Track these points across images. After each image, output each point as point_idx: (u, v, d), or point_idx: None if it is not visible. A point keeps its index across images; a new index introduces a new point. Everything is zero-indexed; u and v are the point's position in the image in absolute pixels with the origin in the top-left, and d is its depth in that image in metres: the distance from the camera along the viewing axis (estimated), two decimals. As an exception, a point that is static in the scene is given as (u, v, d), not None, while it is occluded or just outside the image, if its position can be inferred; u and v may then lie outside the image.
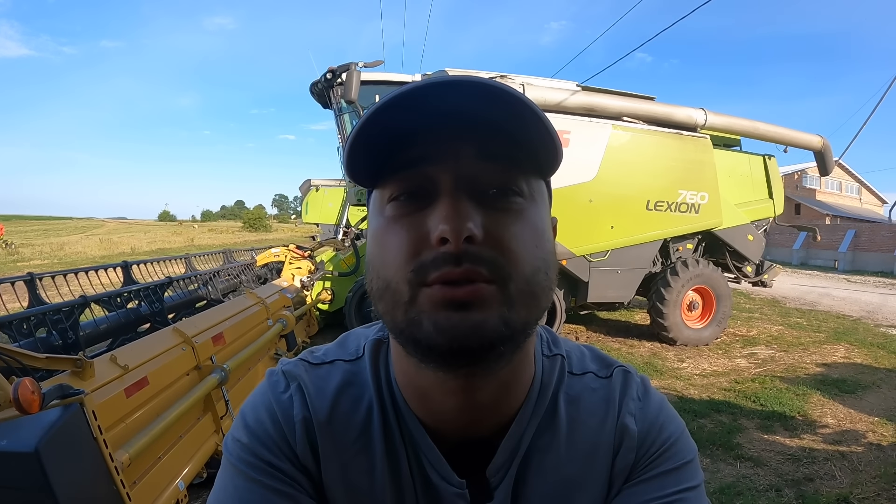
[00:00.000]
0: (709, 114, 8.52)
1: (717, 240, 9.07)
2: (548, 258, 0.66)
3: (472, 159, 0.63)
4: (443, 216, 0.60)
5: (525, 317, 0.63)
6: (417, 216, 0.63)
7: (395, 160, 0.64)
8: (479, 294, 0.59)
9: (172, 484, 3.09)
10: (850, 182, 46.24)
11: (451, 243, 0.58)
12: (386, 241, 0.64)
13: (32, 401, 1.89)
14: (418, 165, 0.63)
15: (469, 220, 0.59)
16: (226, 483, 0.71)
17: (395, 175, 0.65)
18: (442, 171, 0.63)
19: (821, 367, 7.41)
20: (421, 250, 0.61)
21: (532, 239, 0.64)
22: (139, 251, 30.02)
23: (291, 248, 9.10)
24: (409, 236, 0.62)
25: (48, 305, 4.00)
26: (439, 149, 0.63)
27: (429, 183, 0.63)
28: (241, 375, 4.53)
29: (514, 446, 0.74)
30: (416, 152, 0.63)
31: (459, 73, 7.75)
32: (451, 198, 0.61)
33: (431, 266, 0.60)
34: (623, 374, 0.81)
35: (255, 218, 74.75)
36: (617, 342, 8.86)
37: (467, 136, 0.63)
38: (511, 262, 0.61)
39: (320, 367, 0.79)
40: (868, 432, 5.03)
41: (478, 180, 0.63)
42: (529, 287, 0.62)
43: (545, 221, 0.69)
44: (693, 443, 0.78)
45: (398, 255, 0.62)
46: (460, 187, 0.62)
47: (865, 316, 11.64)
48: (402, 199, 0.64)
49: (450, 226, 0.58)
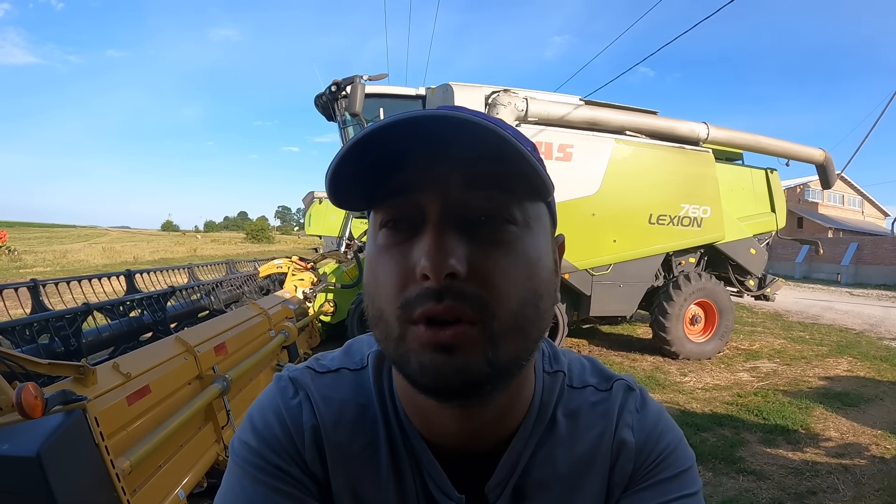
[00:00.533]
0: (711, 128, 8.55)
1: (719, 253, 9.08)
2: (540, 288, 0.65)
3: (461, 188, 0.62)
4: (425, 251, 0.59)
5: (513, 352, 0.63)
6: (405, 246, 0.62)
7: (386, 185, 0.63)
8: (461, 337, 0.59)
9: (173, 493, 3.08)
10: (852, 195, 46.21)
11: (432, 280, 0.58)
12: (377, 270, 0.65)
13: (35, 406, 1.89)
14: (407, 193, 0.63)
15: (451, 256, 0.58)
16: (233, 484, 0.71)
17: (385, 201, 0.65)
18: (430, 199, 0.62)
19: (823, 380, 7.40)
20: (407, 284, 0.61)
21: (523, 271, 0.63)
22: (142, 260, 30.06)
23: (294, 260, 9.08)
24: (396, 269, 0.62)
25: (51, 312, 3.99)
26: (428, 176, 0.62)
27: (417, 212, 0.62)
28: (243, 386, 4.52)
29: (512, 463, 0.75)
30: (405, 179, 0.62)
31: (463, 86, 7.79)
32: (435, 230, 0.60)
33: (416, 302, 0.60)
34: (622, 386, 0.82)
35: (258, 229, 74.88)
36: (619, 356, 8.85)
37: (456, 164, 0.61)
38: (496, 298, 0.60)
39: (325, 376, 0.80)
40: (871, 445, 5.01)
41: (466, 209, 0.62)
42: (516, 322, 0.62)
43: (540, 249, 0.67)
44: (691, 451, 0.79)
45: (387, 288, 0.63)
46: (447, 217, 0.61)
47: (868, 329, 11.62)
48: (392, 226, 0.64)
49: (430, 262, 0.58)
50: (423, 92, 8.67)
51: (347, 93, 8.09)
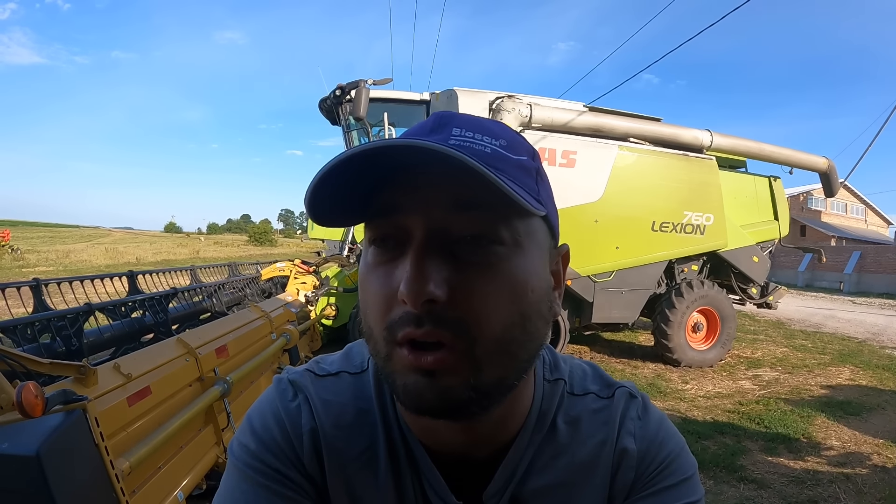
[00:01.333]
0: (715, 135, 8.55)
1: (722, 261, 9.07)
2: (528, 310, 0.63)
3: (444, 209, 0.60)
4: (404, 276, 0.58)
5: (498, 374, 0.63)
6: (391, 266, 0.62)
7: (374, 202, 0.63)
8: (442, 362, 0.59)
9: (172, 494, 3.08)
10: (855, 203, 46.19)
11: (410, 305, 0.58)
12: (366, 289, 0.65)
13: (35, 405, 1.89)
14: (392, 214, 0.62)
15: (429, 282, 0.58)
16: (232, 487, 0.71)
17: (373, 219, 0.65)
18: (414, 221, 0.61)
19: (826, 389, 7.39)
20: (392, 306, 0.61)
21: (508, 293, 0.62)
22: (144, 262, 30.15)
23: (296, 263, 9.07)
24: (382, 289, 0.62)
25: (53, 312, 4.00)
26: (411, 198, 0.61)
27: (403, 232, 0.62)
28: (244, 388, 4.52)
29: (511, 470, 0.74)
30: (391, 198, 0.62)
31: (468, 91, 7.80)
32: (416, 254, 0.59)
33: (398, 324, 0.60)
34: (624, 393, 0.81)
35: (260, 232, 75.11)
36: (621, 363, 8.84)
37: (441, 185, 0.60)
38: (477, 322, 0.60)
39: (325, 379, 0.80)
40: (873, 454, 4.99)
41: (451, 231, 0.61)
42: (500, 346, 0.61)
43: (530, 268, 0.64)
44: (693, 459, 0.79)
45: (374, 308, 0.63)
46: (431, 239, 0.60)
47: (871, 338, 11.61)
48: (380, 244, 0.64)
49: (407, 288, 0.57)
50: (427, 97, 8.69)
51: (352, 97, 8.10)
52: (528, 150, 0.67)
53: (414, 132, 0.65)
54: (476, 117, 0.65)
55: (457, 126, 0.63)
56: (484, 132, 0.63)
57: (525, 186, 0.62)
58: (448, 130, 0.63)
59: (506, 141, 0.64)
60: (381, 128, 8.58)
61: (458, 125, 0.63)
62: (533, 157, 0.67)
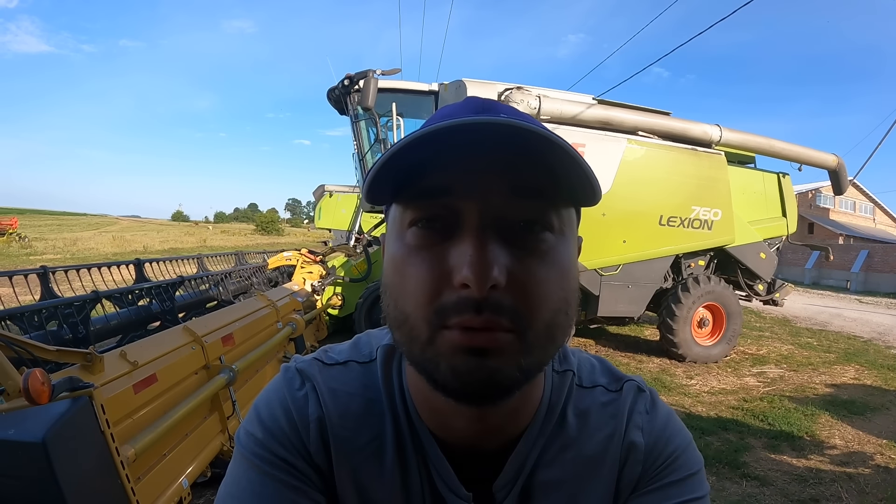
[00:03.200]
0: (724, 130, 8.51)
1: (729, 257, 9.03)
2: (570, 297, 0.64)
3: (503, 195, 0.60)
4: (468, 260, 0.57)
5: (541, 358, 0.63)
6: (439, 249, 0.61)
7: (419, 184, 0.62)
8: (496, 343, 0.58)
9: (177, 481, 3.10)
10: (864, 202, 45.92)
11: (474, 290, 0.57)
12: (406, 272, 0.62)
13: (42, 392, 1.90)
14: (444, 196, 0.61)
15: (494, 267, 0.57)
16: (238, 476, 0.71)
17: (417, 200, 0.63)
18: (469, 205, 0.60)
19: (830, 387, 7.37)
20: (442, 290, 0.59)
21: (557, 280, 0.62)
22: (152, 250, 30.22)
23: (303, 253, 9.10)
24: (430, 273, 0.60)
25: (60, 299, 4.02)
26: (467, 181, 0.60)
27: (454, 215, 0.61)
28: (249, 377, 4.54)
29: (520, 462, 0.74)
30: (443, 182, 0.61)
31: (476, 82, 7.77)
32: (476, 239, 0.58)
33: (452, 310, 0.58)
34: (633, 387, 0.81)
35: (267, 221, 75.15)
36: (626, 357, 8.84)
37: (498, 169, 0.60)
38: (532, 309, 0.60)
39: (333, 368, 0.79)
40: (876, 454, 4.98)
41: (506, 216, 0.60)
42: (548, 331, 0.62)
43: (573, 256, 0.67)
44: (699, 455, 0.78)
45: (418, 292, 0.61)
46: (487, 224, 0.59)
47: (876, 337, 11.56)
48: (424, 226, 0.62)
49: (474, 273, 0.56)
50: (435, 87, 8.67)
51: (360, 87, 8.09)
52: None
53: (459, 110, 0.64)
54: (512, 107, 0.65)
55: (503, 112, 0.62)
56: (528, 121, 0.60)
57: None
58: (495, 114, 0.61)
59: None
60: (389, 118, 8.56)
61: (503, 111, 0.63)
62: None
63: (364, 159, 9.28)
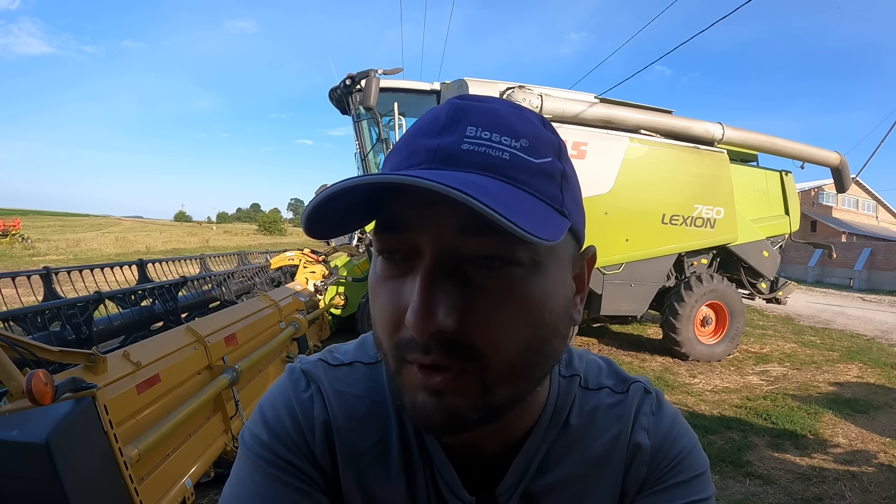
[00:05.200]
0: (726, 128, 8.50)
1: (731, 255, 9.03)
2: (545, 333, 0.61)
3: (455, 230, 0.55)
4: (411, 304, 0.55)
5: (510, 394, 0.61)
6: (399, 283, 0.59)
7: (383, 215, 0.60)
8: (451, 383, 0.57)
9: (180, 482, 3.10)
10: (866, 200, 45.84)
11: (416, 335, 0.55)
12: (375, 301, 0.63)
13: (45, 392, 1.90)
14: (400, 231, 0.58)
15: (437, 313, 0.54)
16: (243, 477, 0.71)
17: (381, 231, 0.60)
18: (422, 239, 0.57)
19: (833, 386, 7.35)
20: (400, 326, 0.58)
21: (523, 319, 0.58)
22: (154, 250, 30.26)
23: (306, 253, 9.10)
24: (390, 306, 0.60)
25: (63, 300, 4.03)
26: (422, 217, 0.57)
27: (412, 248, 0.58)
28: (252, 377, 4.54)
29: (524, 466, 0.74)
30: (398, 214, 0.58)
31: (478, 81, 7.77)
32: (425, 280, 0.56)
33: (406, 347, 0.58)
34: (639, 388, 0.81)
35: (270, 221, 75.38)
36: (629, 356, 8.84)
37: (452, 203, 0.49)
38: (488, 350, 0.57)
39: (339, 369, 0.78)
40: (879, 453, 4.98)
41: (461, 251, 0.56)
42: (512, 370, 0.59)
43: (548, 289, 0.60)
44: (705, 456, 0.78)
45: (383, 324, 0.61)
46: (442, 262, 0.56)
47: (880, 335, 11.53)
48: (387, 258, 0.61)
49: (414, 319, 0.54)
50: (437, 87, 8.67)
51: (362, 87, 8.09)
52: (552, 148, 0.61)
53: (425, 129, 0.60)
54: (493, 110, 0.60)
55: (472, 124, 0.58)
56: (502, 131, 0.58)
57: (548, 197, 0.58)
58: (462, 129, 0.58)
59: (527, 140, 0.59)
60: (391, 117, 8.56)
61: (473, 122, 0.58)
62: (559, 156, 0.62)
63: (366, 159, 9.28)
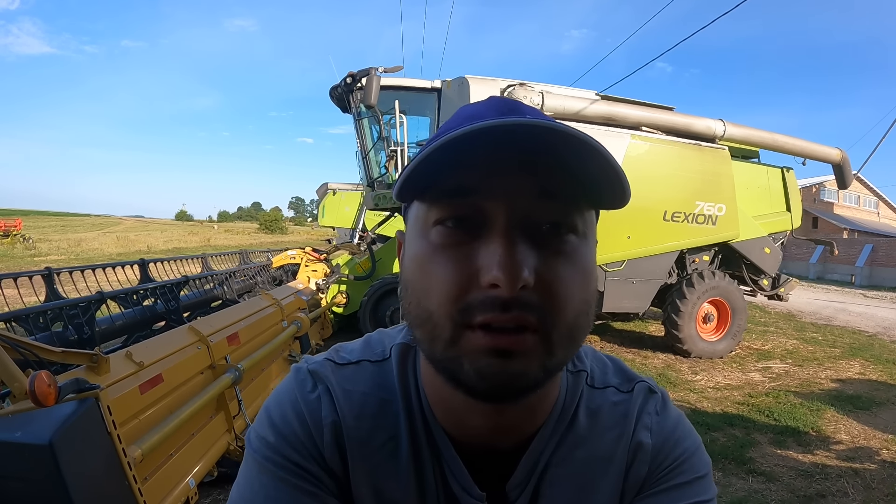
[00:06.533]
0: (728, 125, 8.48)
1: (733, 252, 9.03)
2: (591, 299, 0.65)
3: (531, 197, 0.60)
4: (497, 260, 0.57)
5: (563, 358, 0.64)
6: (466, 249, 0.61)
7: (447, 184, 0.61)
8: (522, 345, 0.59)
9: (183, 481, 3.11)
10: (868, 196, 45.82)
11: (504, 290, 0.57)
12: (430, 270, 0.62)
13: (48, 394, 1.90)
14: (471, 196, 0.61)
15: (524, 267, 0.57)
16: (251, 479, 0.71)
17: (443, 199, 0.62)
18: (497, 206, 0.60)
19: (835, 382, 7.35)
20: (469, 289, 0.59)
21: (580, 282, 0.62)
22: (156, 250, 30.24)
23: (307, 251, 9.09)
24: (456, 272, 0.60)
25: (65, 300, 4.03)
26: (496, 183, 0.60)
27: (480, 214, 0.60)
28: (255, 376, 4.54)
29: (533, 462, 0.74)
30: (470, 182, 0.60)
31: (479, 79, 7.76)
32: (506, 239, 0.58)
33: (478, 309, 0.58)
34: (644, 388, 0.81)
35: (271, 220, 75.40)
36: (631, 353, 8.84)
37: (525, 171, 0.60)
38: (557, 309, 0.60)
39: (346, 368, 0.78)
40: (882, 450, 4.97)
41: (533, 218, 0.60)
42: (571, 332, 0.62)
43: (594, 259, 0.67)
44: (708, 458, 0.78)
45: (443, 291, 0.60)
46: (514, 225, 0.59)
47: (882, 332, 11.52)
48: (451, 225, 0.62)
49: (504, 273, 0.56)
50: (438, 84, 8.66)
51: (363, 85, 8.08)
52: None
53: (480, 113, 0.63)
54: (535, 108, 0.65)
55: (528, 113, 0.62)
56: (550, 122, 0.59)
57: None
58: (521, 115, 0.61)
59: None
60: (391, 116, 8.55)
61: (528, 111, 0.63)
62: None
63: (367, 157, 9.27)
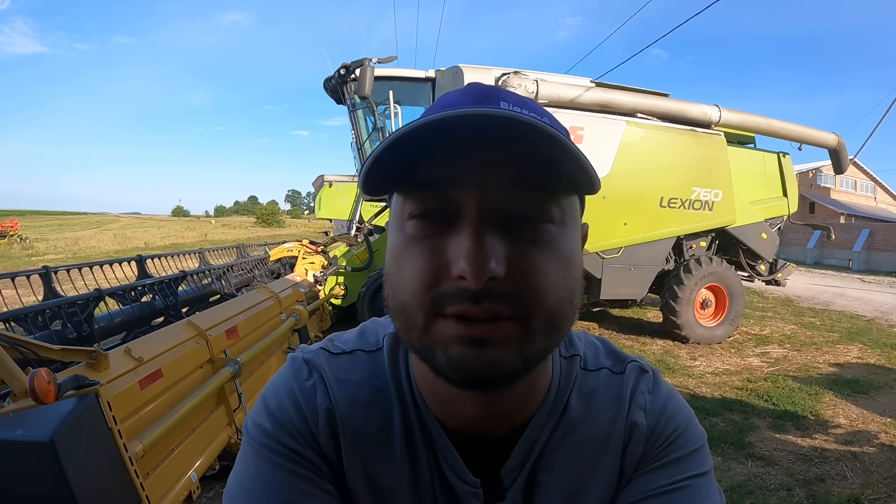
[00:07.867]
0: (723, 111, 8.47)
1: (730, 238, 9.04)
2: (573, 286, 0.64)
3: (502, 186, 0.59)
4: (464, 253, 0.57)
5: (545, 346, 0.63)
6: (438, 240, 0.60)
7: (419, 176, 0.61)
8: (498, 333, 0.59)
9: (185, 475, 3.11)
10: (865, 181, 45.80)
11: (471, 282, 0.56)
12: (404, 262, 0.63)
13: (48, 391, 1.90)
14: (443, 188, 0.60)
15: (491, 259, 0.57)
16: (248, 466, 0.71)
17: (417, 191, 0.62)
18: (468, 197, 0.59)
19: (834, 367, 7.37)
20: (440, 280, 0.59)
21: (559, 270, 0.62)
22: (153, 246, 30.22)
23: (304, 244, 9.08)
24: (427, 263, 0.60)
25: (63, 298, 4.03)
26: (466, 173, 0.60)
27: (453, 206, 0.60)
28: (254, 369, 4.55)
29: (528, 448, 0.75)
30: (442, 173, 0.60)
31: (473, 68, 7.74)
32: (474, 230, 0.58)
33: (450, 300, 0.58)
34: (635, 368, 0.81)
35: (268, 213, 75.32)
36: (629, 339, 8.86)
37: (497, 161, 0.59)
38: (535, 297, 0.59)
39: (340, 357, 0.79)
40: (880, 433, 5.00)
41: (505, 207, 0.60)
42: (553, 320, 0.61)
43: (575, 246, 0.67)
44: (702, 431, 0.79)
45: (415, 281, 0.61)
46: (486, 215, 0.59)
47: (879, 316, 11.55)
48: (423, 218, 0.62)
49: (469, 265, 0.56)
50: (432, 74, 8.64)
51: (356, 76, 8.07)
52: (564, 130, 0.65)
53: (456, 101, 0.63)
54: (517, 94, 0.64)
55: (503, 100, 0.62)
56: (530, 109, 0.62)
57: None
58: (496, 103, 0.61)
59: (548, 119, 0.63)
60: (386, 106, 8.54)
61: (504, 99, 0.62)
62: (568, 137, 0.63)
63: (362, 148, 9.27)
